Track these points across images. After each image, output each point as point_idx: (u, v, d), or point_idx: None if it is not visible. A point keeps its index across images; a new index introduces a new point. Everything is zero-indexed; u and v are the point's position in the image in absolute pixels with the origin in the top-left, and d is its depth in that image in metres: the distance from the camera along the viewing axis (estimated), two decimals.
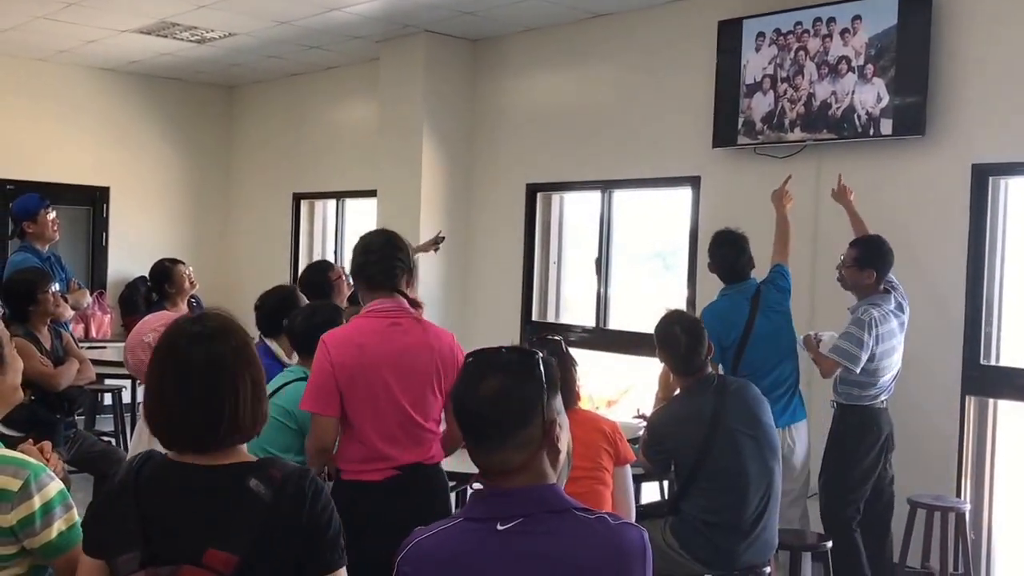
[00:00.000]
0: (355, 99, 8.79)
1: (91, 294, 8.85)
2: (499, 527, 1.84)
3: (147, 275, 6.57)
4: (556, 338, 3.63)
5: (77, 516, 2.23)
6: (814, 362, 4.77)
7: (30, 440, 2.88)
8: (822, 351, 4.69)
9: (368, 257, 3.33)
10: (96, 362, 5.35)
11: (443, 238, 6.47)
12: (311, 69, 9.10)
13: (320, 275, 5.29)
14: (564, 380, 3.41)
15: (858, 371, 4.56)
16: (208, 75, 9.60)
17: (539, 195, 7.41)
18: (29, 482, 2.15)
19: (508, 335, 7.19)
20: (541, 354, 1.97)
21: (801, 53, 5.80)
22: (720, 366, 4.68)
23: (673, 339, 3.99)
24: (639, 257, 7.11)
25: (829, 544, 4.44)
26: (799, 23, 5.79)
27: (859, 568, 4.68)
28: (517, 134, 7.46)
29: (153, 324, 3.57)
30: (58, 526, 2.18)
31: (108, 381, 7.03)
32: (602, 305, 6.93)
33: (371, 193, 8.10)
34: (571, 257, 7.45)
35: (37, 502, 2.15)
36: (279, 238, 9.63)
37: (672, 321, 4.06)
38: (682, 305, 6.03)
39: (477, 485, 1.94)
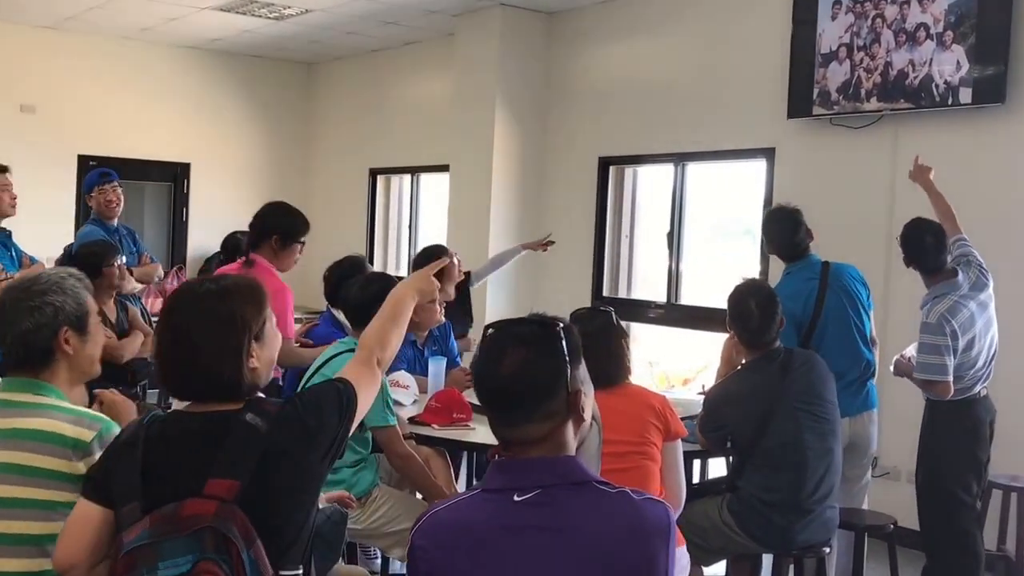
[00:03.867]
0: (431, 74, 8.81)
1: (171, 268, 9.10)
2: (516, 498, 1.81)
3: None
4: (607, 309, 3.57)
5: None
6: (922, 388, 4.36)
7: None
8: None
9: None
10: None
11: (552, 242, 6.44)
12: (389, 45, 9.14)
13: (432, 258, 5.38)
14: (615, 353, 3.42)
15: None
16: (288, 52, 9.72)
17: (611, 168, 7.33)
18: (101, 434, 2.28)
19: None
20: (562, 323, 1.93)
21: (878, 20, 5.60)
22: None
23: (747, 312, 3.88)
24: (713, 231, 6.98)
25: (892, 526, 4.30)
26: None
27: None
28: (590, 107, 7.38)
29: None
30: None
31: None
32: (674, 280, 6.83)
33: (444, 168, 8.12)
34: (644, 231, 7.35)
35: None
36: (356, 213, 9.74)
37: (747, 293, 3.94)
38: None
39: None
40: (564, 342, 1.88)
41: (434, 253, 5.43)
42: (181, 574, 1.81)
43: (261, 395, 2.10)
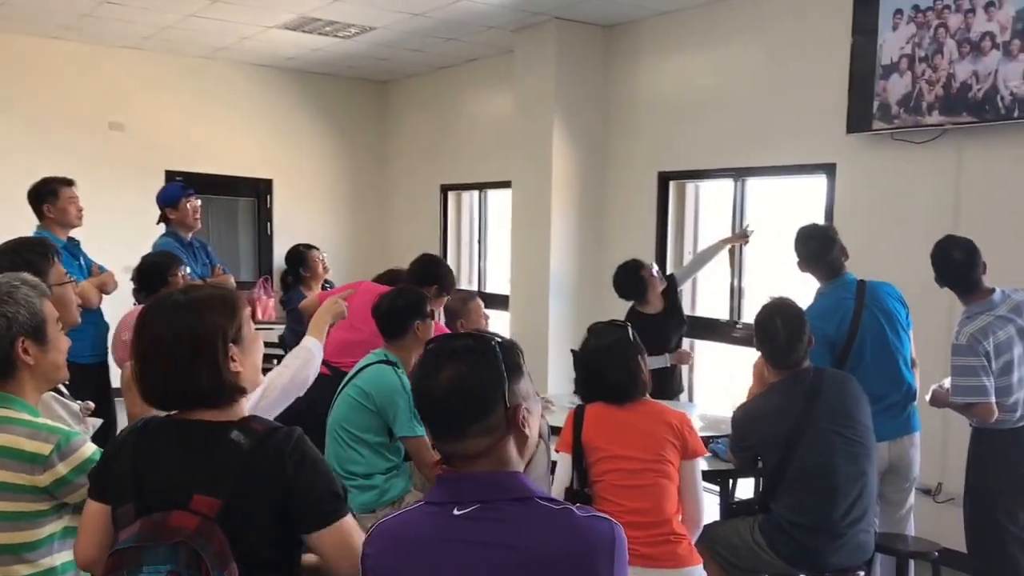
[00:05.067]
0: (494, 91, 8.90)
1: (258, 279, 9.35)
2: (456, 512, 1.81)
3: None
4: (623, 324, 3.55)
5: None
6: (964, 413, 4.19)
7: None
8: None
9: None
10: (267, 343, 5.57)
11: (753, 231, 6.42)
12: (454, 62, 9.28)
13: (632, 275, 5.69)
14: (629, 368, 3.40)
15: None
16: (360, 70, 9.92)
17: (672, 184, 7.27)
18: (59, 446, 2.33)
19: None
20: (499, 339, 1.92)
21: (941, 30, 5.44)
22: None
23: (773, 331, 3.83)
24: (774, 248, 6.84)
25: (936, 552, 4.15)
26: None
27: None
28: (649, 121, 7.34)
29: (130, 322, 3.55)
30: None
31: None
32: (735, 297, 6.73)
33: (507, 184, 8.16)
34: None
35: (68, 465, 2.34)
36: (429, 227, 9.88)
37: (773, 312, 3.88)
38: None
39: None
40: (501, 357, 1.86)
41: (633, 268, 5.78)
42: None
43: (256, 415, 2.11)
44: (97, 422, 3.06)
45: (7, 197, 5.16)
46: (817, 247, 4.52)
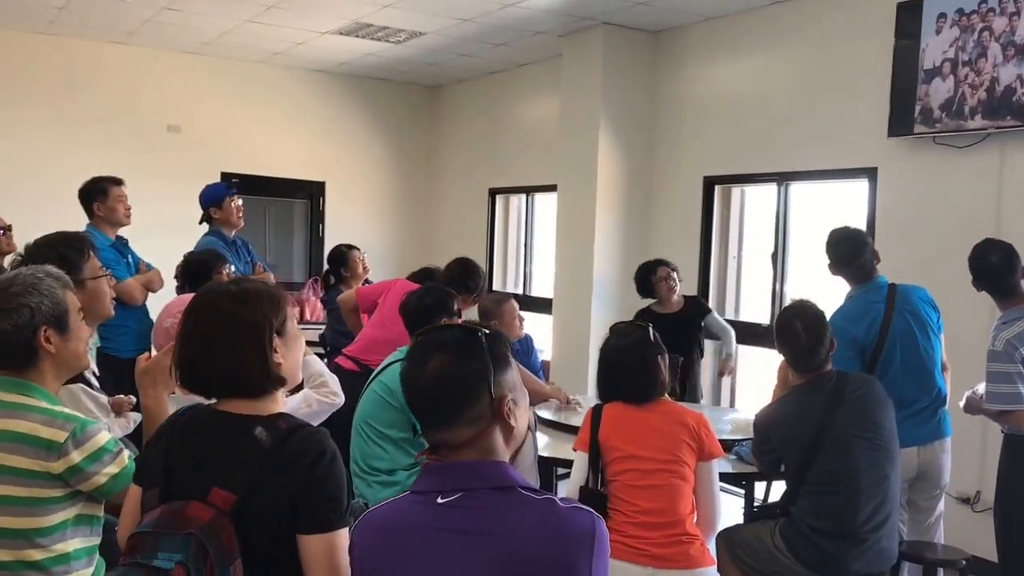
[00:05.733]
0: (542, 95, 8.94)
1: (308, 279, 9.51)
2: (439, 500, 1.82)
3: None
4: (644, 324, 3.58)
5: (128, 461, 2.46)
6: (997, 420, 4.14)
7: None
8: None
9: None
10: (308, 343, 5.69)
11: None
12: (503, 67, 9.35)
13: (644, 273, 6.07)
14: (648, 368, 3.43)
15: None
16: (411, 75, 10.04)
17: (717, 188, 7.26)
18: (75, 434, 2.40)
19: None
20: (487, 330, 1.93)
21: (985, 34, 5.37)
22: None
23: (793, 334, 3.82)
24: (817, 252, 6.79)
25: (965, 561, 4.10)
26: (984, 1, 5.37)
27: None
28: (695, 126, 7.34)
29: (173, 310, 3.61)
30: (108, 471, 2.44)
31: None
32: (778, 302, 6.70)
33: (554, 188, 8.21)
34: (750, 252, 7.24)
35: (82, 453, 2.41)
36: (477, 231, 9.96)
37: (793, 314, 3.87)
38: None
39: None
40: (487, 348, 1.88)
41: (649, 268, 6.09)
42: (166, 570, 1.85)
43: (286, 413, 2.11)
44: (138, 416, 3.15)
45: (72, 196, 5.31)
46: (848, 250, 4.48)
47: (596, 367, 3.67)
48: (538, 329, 7.59)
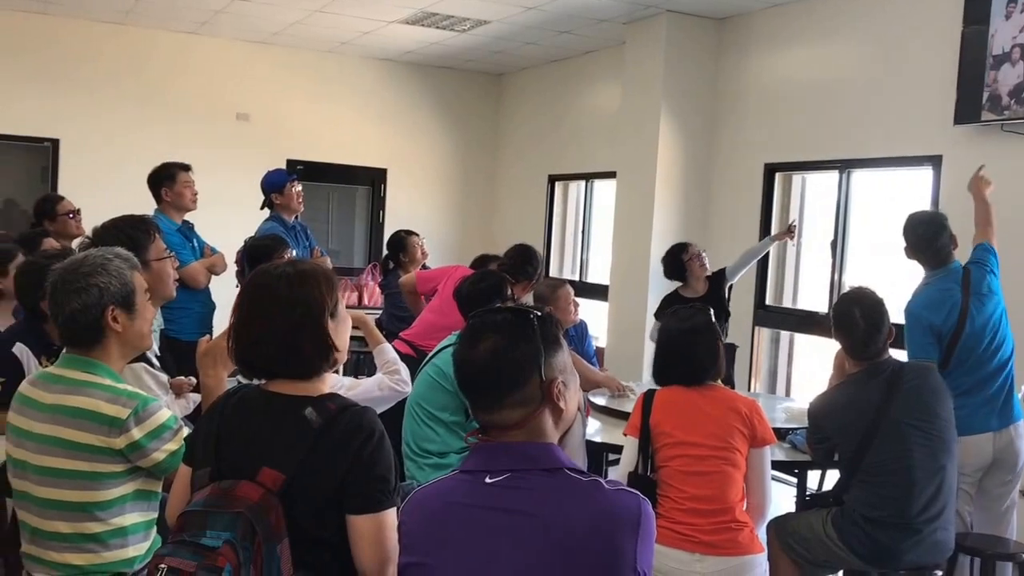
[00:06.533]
0: (605, 83, 8.93)
1: (367, 265, 9.64)
2: (487, 480, 1.84)
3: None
4: (705, 308, 3.57)
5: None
6: None
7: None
8: None
9: None
10: None
11: (796, 225, 6.73)
12: (567, 55, 9.36)
13: (673, 256, 6.21)
14: (712, 351, 3.44)
15: None
16: (476, 63, 10.09)
17: (778, 175, 7.19)
18: (136, 411, 2.48)
19: (741, 320, 7.07)
20: (539, 312, 1.94)
21: None
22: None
23: (851, 321, 3.79)
24: (878, 241, 6.70)
25: None
26: None
27: None
28: (757, 113, 7.28)
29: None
30: (167, 448, 2.52)
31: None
32: (836, 291, 6.63)
33: (613, 174, 8.21)
34: (810, 240, 7.17)
35: (143, 430, 2.48)
36: (536, 217, 10.00)
37: (851, 302, 3.85)
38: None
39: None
40: (538, 330, 1.89)
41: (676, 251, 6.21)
42: (214, 548, 1.86)
43: (335, 394, 2.13)
44: (198, 397, 3.25)
45: (141, 182, 5.45)
46: (926, 233, 4.41)
47: (653, 349, 3.64)
48: (593, 316, 7.61)
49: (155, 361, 3.20)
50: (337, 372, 3.00)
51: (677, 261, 6.18)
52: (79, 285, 2.52)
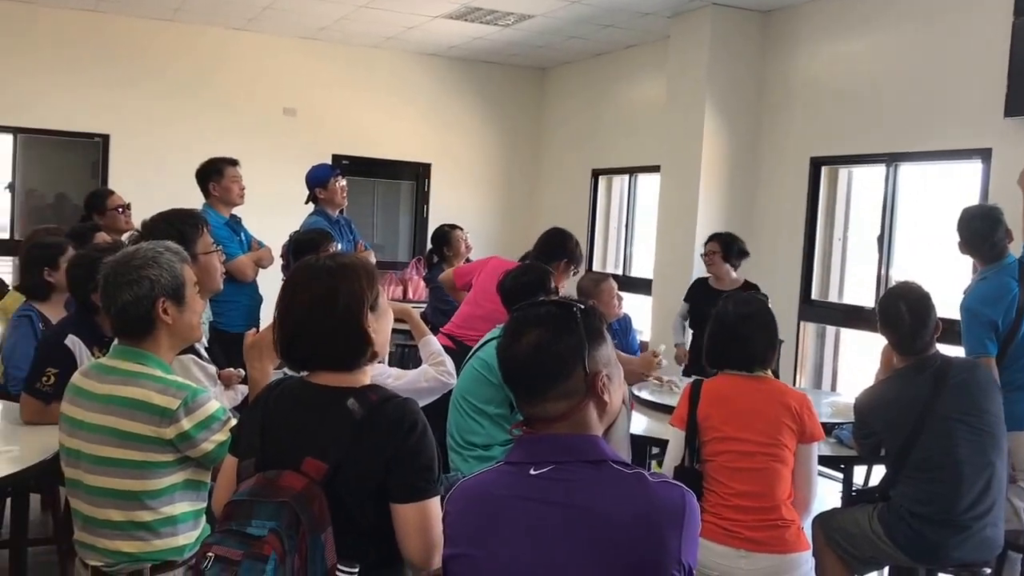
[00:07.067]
0: (649, 77, 8.91)
1: (411, 259, 9.70)
2: (532, 472, 1.85)
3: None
4: (763, 295, 3.55)
5: None
6: None
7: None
8: None
9: None
10: None
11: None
12: (611, 48, 9.35)
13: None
14: (766, 339, 3.40)
15: None
16: (520, 58, 10.10)
17: (824, 169, 7.13)
18: (186, 402, 2.52)
19: (785, 314, 7.01)
20: (582, 305, 1.94)
21: None
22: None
23: (897, 316, 3.76)
24: (926, 235, 6.63)
25: None
26: None
27: None
28: (803, 106, 7.23)
29: None
30: (216, 438, 2.55)
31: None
32: (882, 286, 6.56)
33: (656, 168, 8.18)
34: (856, 235, 7.10)
35: (192, 420, 2.52)
36: (579, 211, 9.99)
37: (898, 296, 3.82)
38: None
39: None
40: (582, 323, 1.89)
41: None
42: (259, 536, 1.88)
43: (376, 385, 2.15)
44: (245, 389, 3.29)
45: (190, 176, 5.53)
46: (982, 228, 4.36)
47: (707, 333, 3.55)
48: (637, 310, 7.59)
49: (203, 353, 3.25)
50: (382, 363, 3.04)
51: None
52: (131, 277, 2.57)
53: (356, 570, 1.96)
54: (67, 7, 8.70)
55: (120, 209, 5.89)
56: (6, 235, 8.91)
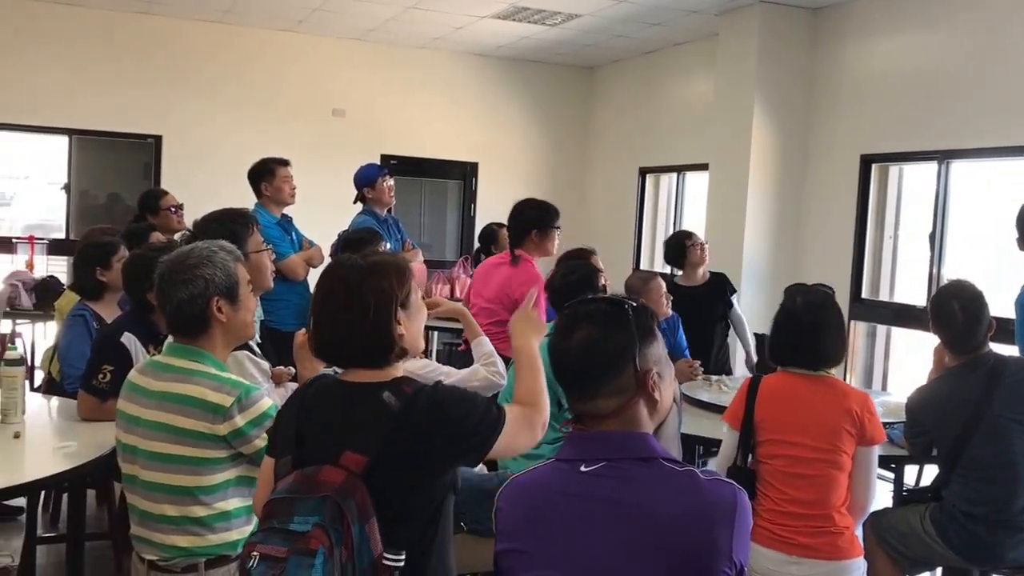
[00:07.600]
0: (697, 75, 8.87)
1: (459, 258, 9.73)
2: (583, 469, 1.86)
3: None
4: (829, 289, 3.48)
5: None
6: None
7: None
8: None
9: None
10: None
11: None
12: (658, 47, 9.32)
13: (675, 241, 6.10)
14: (834, 332, 3.30)
15: None
16: (567, 57, 10.09)
17: (874, 166, 7.05)
18: (240, 399, 2.56)
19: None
20: (633, 303, 1.95)
21: None
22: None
23: (949, 314, 3.71)
24: (978, 234, 6.53)
25: None
26: None
27: None
28: (853, 104, 7.15)
29: None
30: (268, 435, 2.58)
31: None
32: (934, 285, 6.47)
33: (704, 167, 8.15)
34: (908, 233, 7.01)
35: (246, 417, 2.56)
36: (627, 210, 9.97)
37: (950, 294, 3.77)
38: None
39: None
40: (633, 320, 1.90)
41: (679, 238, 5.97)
42: (303, 532, 1.89)
43: (408, 377, 2.17)
44: (295, 387, 3.34)
45: (242, 177, 5.60)
46: None
47: (774, 327, 3.45)
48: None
49: (257, 349, 3.29)
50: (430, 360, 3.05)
51: (680, 246, 5.98)
52: (186, 276, 2.61)
53: (402, 558, 1.97)
54: (119, 9, 8.86)
55: (173, 209, 5.99)
56: (62, 235, 9.08)
